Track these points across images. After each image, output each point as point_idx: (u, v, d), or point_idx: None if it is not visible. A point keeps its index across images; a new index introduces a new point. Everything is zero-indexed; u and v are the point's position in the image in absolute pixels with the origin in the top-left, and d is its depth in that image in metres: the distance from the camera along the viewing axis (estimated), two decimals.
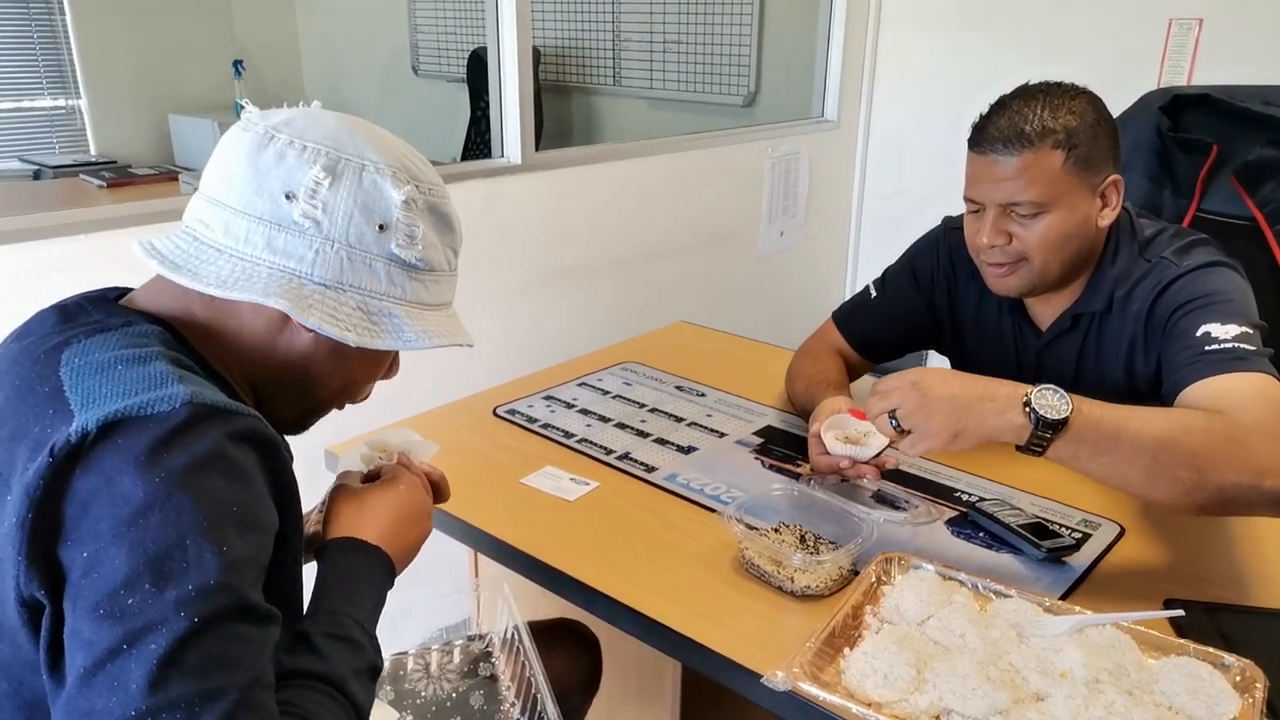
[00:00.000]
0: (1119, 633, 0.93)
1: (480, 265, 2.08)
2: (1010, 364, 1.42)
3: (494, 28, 1.98)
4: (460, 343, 0.83)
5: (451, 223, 0.82)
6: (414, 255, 0.77)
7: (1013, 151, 1.20)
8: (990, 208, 1.24)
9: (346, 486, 0.91)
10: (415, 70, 4.16)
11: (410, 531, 0.88)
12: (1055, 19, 2.59)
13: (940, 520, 1.19)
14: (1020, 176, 1.20)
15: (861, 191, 3.12)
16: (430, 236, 0.79)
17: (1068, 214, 1.22)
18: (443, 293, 0.83)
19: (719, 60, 3.16)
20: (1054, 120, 1.20)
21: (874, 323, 1.54)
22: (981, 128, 1.25)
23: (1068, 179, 1.21)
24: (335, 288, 0.75)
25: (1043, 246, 1.23)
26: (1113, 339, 1.30)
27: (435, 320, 0.81)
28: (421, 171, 0.79)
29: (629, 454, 1.35)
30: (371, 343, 0.76)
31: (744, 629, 0.99)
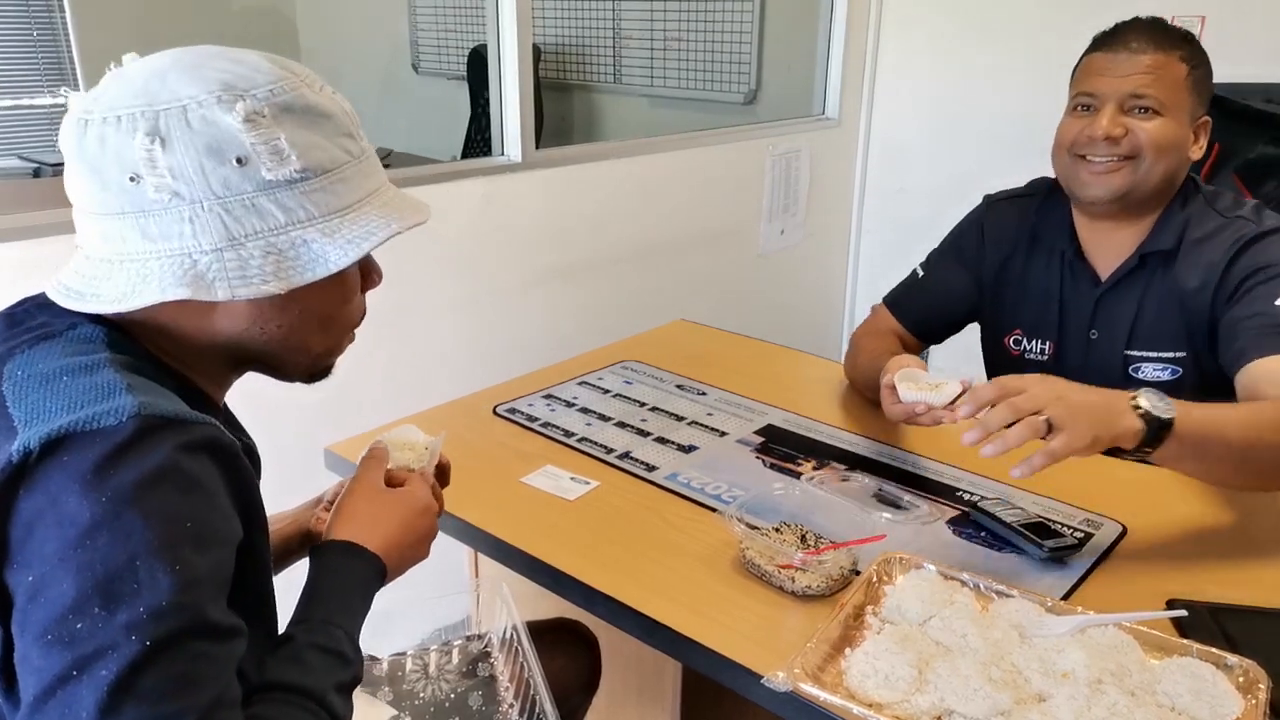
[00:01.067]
0: (1121, 633, 0.92)
1: (480, 263, 2.08)
2: (1059, 321, 1.44)
3: (494, 25, 1.97)
4: (400, 229, 0.74)
5: (322, 108, 0.72)
6: (291, 170, 0.69)
7: (1147, 49, 1.28)
8: (1110, 102, 1.30)
9: (365, 484, 0.88)
10: (415, 68, 4.16)
11: (411, 553, 0.86)
12: (1057, 16, 2.59)
13: (942, 520, 1.18)
14: (1150, 73, 1.27)
15: (863, 189, 3.12)
16: (303, 138, 0.69)
17: (1176, 125, 1.29)
18: (358, 186, 0.73)
19: (720, 58, 3.15)
20: (1181, 40, 1.30)
21: (925, 302, 1.59)
22: (1113, 32, 1.33)
23: (1184, 94, 1.29)
24: (231, 246, 0.68)
25: (1154, 146, 1.28)
26: (1180, 283, 1.33)
27: (361, 221, 0.72)
28: (254, 77, 0.69)
29: (629, 453, 1.35)
30: (298, 281, 0.69)
31: (744, 629, 0.98)
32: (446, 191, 1.98)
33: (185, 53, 0.70)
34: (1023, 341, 1.49)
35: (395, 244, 2.21)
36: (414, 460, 0.96)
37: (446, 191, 1.98)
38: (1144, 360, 1.36)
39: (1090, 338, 1.41)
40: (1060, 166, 1.38)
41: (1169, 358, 1.34)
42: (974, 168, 2.85)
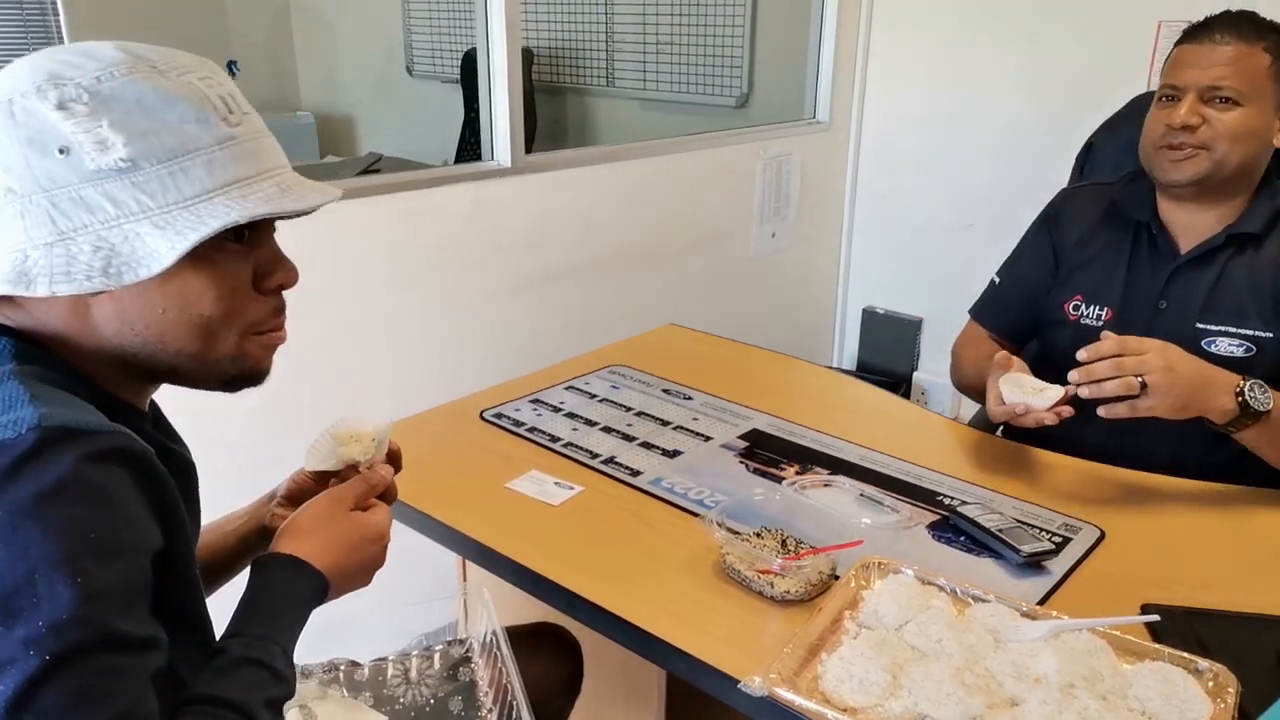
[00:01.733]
0: (1094, 638, 0.93)
1: (470, 267, 2.09)
2: (1122, 288, 1.46)
3: (483, 31, 1.98)
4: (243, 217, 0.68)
5: (166, 93, 0.67)
6: (116, 159, 0.65)
7: (1229, 40, 1.31)
8: (1190, 93, 1.33)
9: (329, 502, 0.85)
10: (410, 70, 4.17)
11: (355, 580, 0.84)
12: (1045, 22, 2.60)
13: (922, 524, 1.19)
14: (1231, 64, 1.31)
15: (854, 192, 3.13)
16: (135, 125, 0.65)
17: (1256, 114, 1.32)
18: (216, 175, 0.68)
19: (712, 62, 3.16)
20: (1266, 31, 1.33)
21: (1007, 307, 1.63)
22: (1202, 24, 1.36)
23: (1267, 83, 1.32)
24: (60, 241, 0.65)
25: (1229, 136, 1.32)
26: (1267, 265, 1.37)
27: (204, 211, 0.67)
28: (85, 65, 0.66)
29: (614, 458, 1.36)
30: (130, 278, 0.65)
31: (724, 634, 0.99)
32: (437, 196, 1.99)
33: (55, 48, 0.68)
34: (1081, 306, 1.50)
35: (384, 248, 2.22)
36: (360, 453, 0.93)
37: (437, 196, 1.99)
38: (1219, 334, 1.37)
39: (1159, 308, 1.42)
40: (1144, 153, 1.42)
41: (1246, 334, 1.36)
42: (964, 171, 2.86)
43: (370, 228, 1.89)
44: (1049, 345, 1.56)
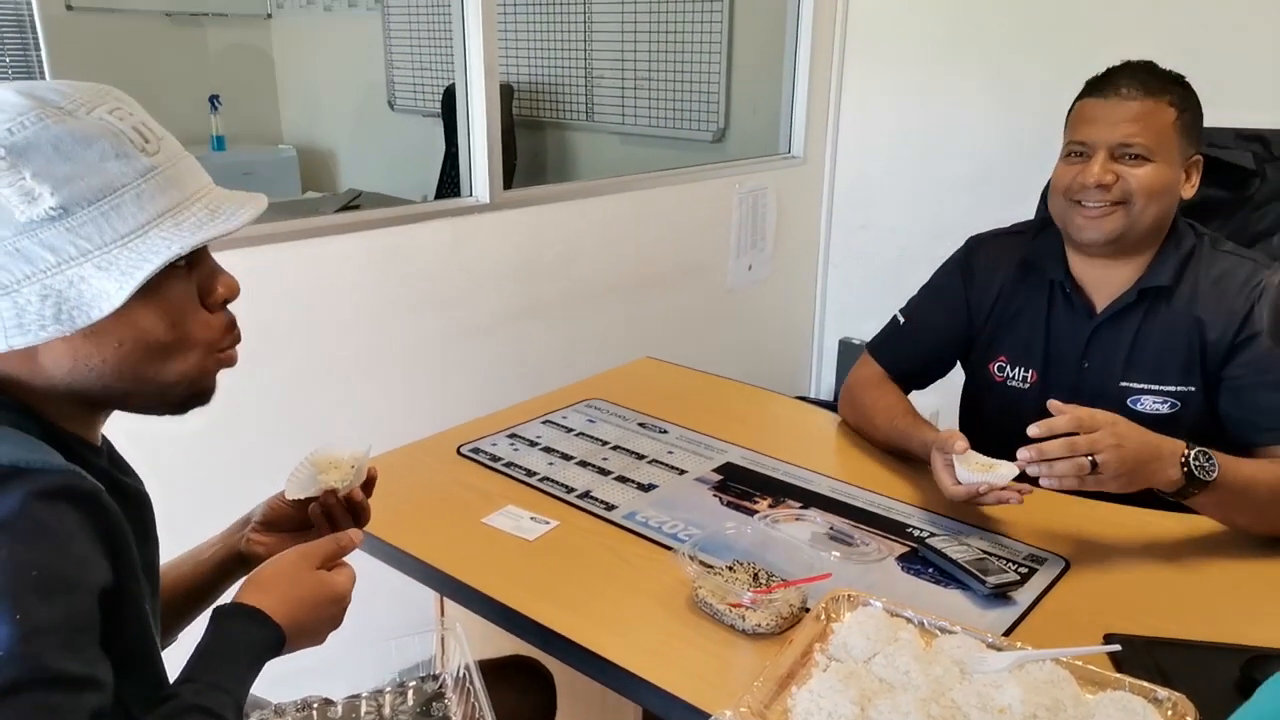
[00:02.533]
0: (1058, 668, 0.95)
1: (448, 303, 2.10)
2: (1043, 350, 1.47)
3: (462, 69, 2.01)
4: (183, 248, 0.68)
5: (82, 135, 0.67)
6: (48, 207, 0.65)
7: (1135, 96, 1.31)
8: (1100, 150, 1.33)
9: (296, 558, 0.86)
10: (391, 105, 4.20)
11: (310, 639, 0.85)
12: (1013, 55, 2.67)
13: (891, 556, 1.21)
14: (1139, 120, 1.31)
15: (829, 225, 3.18)
16: (58, 171, 0.65)
17: (1166, 169, 1.33)
18: (141, 209, 0.68)
19: (689, 97, 3.22)
20: (1170, 85, 1.34)
21: (908, 351, 1.61)
22: (1104, 77, 1.36)
23: (1174, 137, 1.33)
24: (5, 294, 0.65)
25: (1145, 191, 1.32)
26: (1180, 317, 1.37)
27: (144, 246, 0.67)
28: None
29: (589, 492, 1.37)
30: (83, 321, 0.66)
31: (696, 667, 1.01)
32: (415, 232, 2.01)
33: None
34: (1006, 368, 1.52)
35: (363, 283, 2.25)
36: (339, 480, 0.95)
37: (415, 232, 2.01)
38: (1143, 393, 1.39)
39: (1083, 368, 1.43)
40: (1056, 209, 1.41)
41: (1170, 391, 1.37)
42: (936, 204, 2.92)
43: (350, 263, 1.91)
44: (977, 407, 1.58)
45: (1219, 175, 1.74)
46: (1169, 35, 2.39)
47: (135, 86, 0.75)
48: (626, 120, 3.43)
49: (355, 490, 0.98)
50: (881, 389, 1.58)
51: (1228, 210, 1.71)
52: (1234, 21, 2.29)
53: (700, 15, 3.10)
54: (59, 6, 3.67)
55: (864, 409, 1.57)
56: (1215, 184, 1.74)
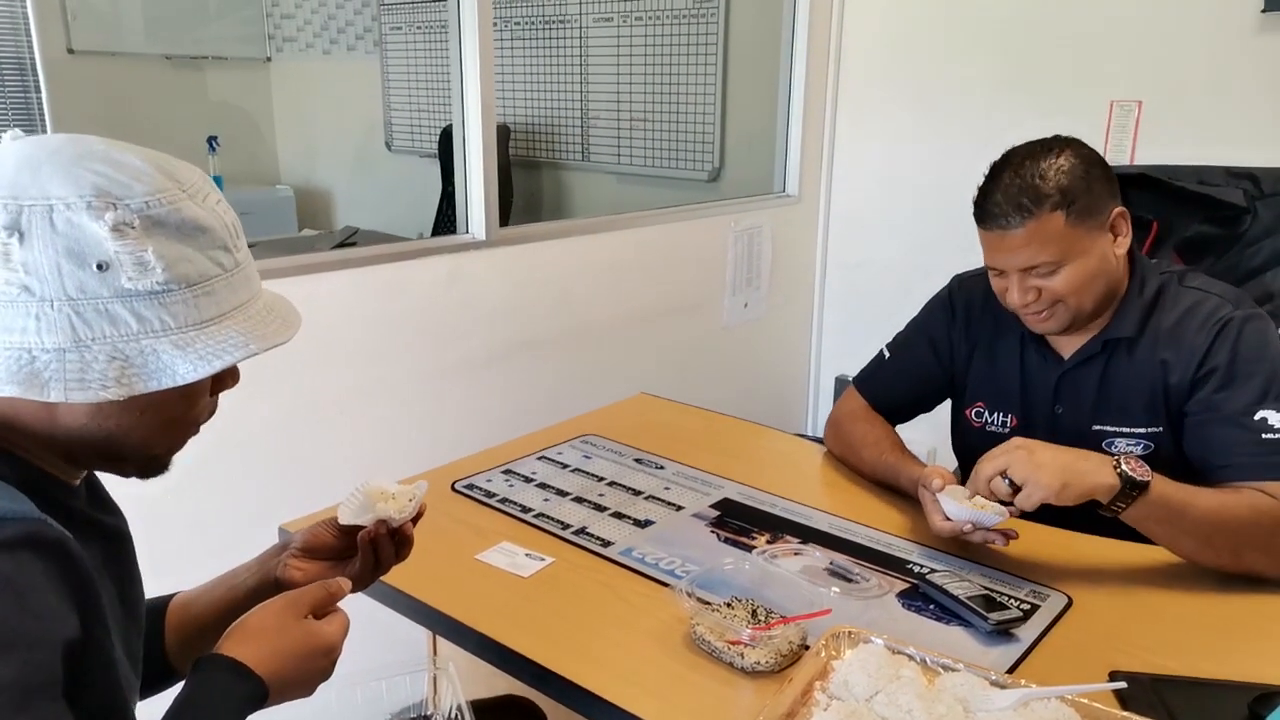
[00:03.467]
0: (1063, 706, 0.93)
1: (444, 339, 2.10)
2: (1021, 396, 1.48)
3: (459, 109, 2.03)
4: (257, 350, 0.73)
5: (200, 222, 0.70)
6: (154, 282, 0.67)
7: (1014, 224, 1.29)
8: (1012, 273, 1.33)
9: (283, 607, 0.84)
10: (389, 146, 4.24)
11: (297, 692, 0.83)
12: (1004, 99, 2.70)
13: (892, 593, 1.20)
14: (1029, 244, 1.29)
15: (824, 262, 3.19)
16: (172, 251, 0.68)
17: (1084, 260, 1.30)
18: (224, 300, 0.72)
19: (684, 137, 3.25)
20: (1046, 185, 1.28)
21: (893, 385, 1.62)
22: (981, 205, 1.34)
23: (1074, 232, 1.29)
24: (76, 348, 0.66)
25: (1070, 291, 1.32)
26: (1144, 360, 1.36)
27: (220, 336, 0.71)
28: (132, 186, 0.68)
29: (585, 528, 1.36)
30: (140, 389, 0.68)
31: (694, 706, 0.99)
32: (412, 268, 2.01)
33: (67, 144, 0.69)
34: (984, 414, 1.52)
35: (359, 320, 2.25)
36: (396, 510, 0.95)
37: (412, 268, 2.01)
38: (1116, 435, 1.39)
39: (1055, 413, 1.44)
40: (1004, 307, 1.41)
41: (1141, 433, 1.37)
42: (930, 241, 2.93)
43: (346, 300, 1.91)
44: (965, 449, 1.58)
45: (1211, 213, 1.76)
46: (1156, 76, 2.43)
47: (134, 128, 0.77)
48: (622, 160, 3.46)
49: (407, 523, 0.97)
50: (869, 422, 1.58)
51: (1220, 247, 1.73)
52: (1222, 62, 2.33)
53: (695, 57, 3.14)
54: (60, 50, 3.71)
55: (851, 442, 1.58)
56: (1208, 221, 1.76)
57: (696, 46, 3.13)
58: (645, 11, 3.25)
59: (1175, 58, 2.40)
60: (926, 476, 1.30)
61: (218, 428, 0.89)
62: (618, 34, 3.34)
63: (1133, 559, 1.29)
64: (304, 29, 4.36)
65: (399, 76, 4.09)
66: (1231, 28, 2.31)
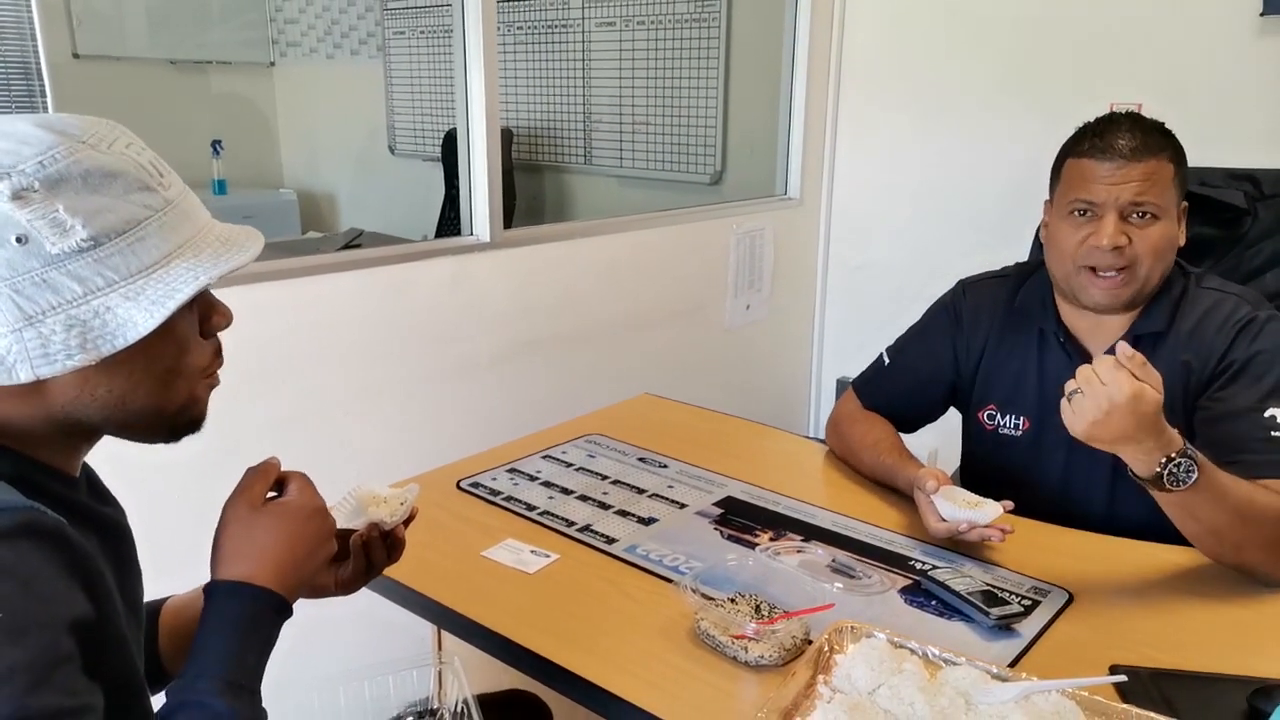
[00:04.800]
0: (1064, 699, 0.94)
1: (449, 339, 2.11)
2: (1037, 398, 1.45)
3: (463, 111, 2.05)
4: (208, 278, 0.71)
5: (107, 168, 0.68)
6: (78, 240, 0.66)
7: (1140, 155, 1.28)
8: (1110, 210, 1.30)
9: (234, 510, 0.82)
10: (392, 150, 4.26)
11: (310, 563, 0.82)
12: (1005, 102, 2.71)
13: (894, 589, 1.21)
14: (1147, 179, 1.28)
15: (826, 265, 3.20)
16: (87, 204, 0.66)
17: (1170, 225, 1.31)
18: (163, 240, 0.70)
19: (686, 140, 3.26)
20: (1165, 139, 1.32)
21: (892, 390, 1.61)
22: (1100, 135, 1.32)
23: (1174, 192, 1.31)
24: (30, 325, 0.65)
25: (1154, 252, 1.30)
26: (1168, 360, 1.35)
27: (169, 277, 0.69)
28: (20, 151, 0.66)
29: (590, 526, 1.37)
30: (107, 350, 0.67)
31: (698, 700, 1.00)
32: (417, 270, 2.02)
33: None
34: (996, 416, 1.51)
35: (364, 320, 2.26)
36: (388, 514, 0.96)
37: (417, 270, 2.02)
38: None
39: None
40: (1060, 271, 1.38)
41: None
42: (932, 244, 2.94)
43: (351, 301, 1.92)
44: (973, 454, 1.58)
45: (1211, 214, 1.77)
46: (1158, 77, 2.44)
47: (138, 131, 0.76)
48: (625, 163, 3.47)
49: (398, 526, 0.98)
50: (868, 422, 1.58)
51: (1220, 249, 1.74)
52: (1223, 64, 2.34)
53: (697, 60, 3.15)
54: (65, 54, 3.73)
55: (850, 444, 1.57)
56: (1208, 223, 1.77)
57: (698, 50, 3.14)
58: (647, 15, 3.26)
59: (1175, 60, 2.42)
60: (921, 478, 1.31)
61: (223, 428, 0.90)
62: (620, 38, 3.36)
63: (1133, 556, 1.30)
64: (308, 33, 4.38)
65: (402, 81, 4.11)
66: (1231, 30, 2.32)
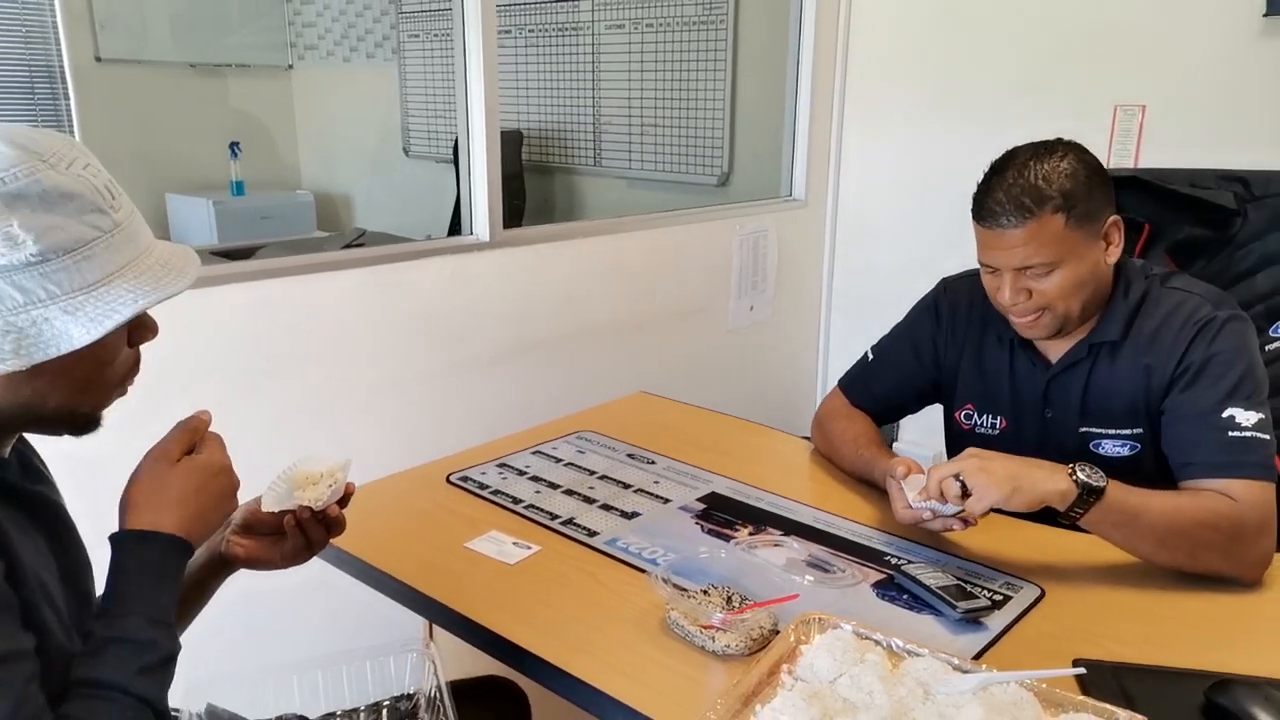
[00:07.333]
0: (1022, 690, 0.95)
1: (448, 338, 2.15)
2: (1010, 399, 1.49)
3: (463, 112, 2.08)
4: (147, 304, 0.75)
5: (64, 189, 0.72)
6: (28, 255, 0.70)
7: (1015, 223, 1.29)
8: (1006, 272, 1.33)
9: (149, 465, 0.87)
10: (406, 151, 4.31)
11: (215, 515, 0.88)
12: (1010, 104, 2.72)
13: (866, 583, 1.22)
14: (1028, 243, 1.29)
15: (831, 267, 3.21)
16: (40, 221, 0.70)
17: (1077, 264, 1.31)
18: (107, 260, 0.74)
19: (694, 142, 3.29)
20: (1049, 187, 1.28)
21: (877, 388, 1.64)
22: (981, 202, 1.34)
23: (1072, 236, 1.30)
24: None
25: (1061, 295, 1.32)
26: (1128, 364, 1.37)
27: (109, 296, 0.74)
28: None
29: (573, 519, 1.39)
30: (40, 357, 0.71)
31: (665, 687, 1.02)
32: (417, 268, 2.06)
33: None
34: (974, 416, 1.54)
35: (365, 317, 2.30)
36: (313, 498, 0.98)
37: (417, 268, 2.06)
38: (1103, 437, 1.40)
39: (1045, 417, 1.45)
40: (995, 307, 1.42)
41: (1127, 434, 1.38)
42: (937, 246, 2.94)
43: (351, 298, 1.96)
44: (956, 452, 1.57)
45: (1202, 215, 1.77)
46: (1153, 80, 2.44)
47: (158, 133, 0.80)
48: (633, 165, 3.50)
49: (332, 506, 1.01)
50: (850, 419, 1.61)
51: (1211, 250, 1.74)
52: (1225, 65, 2.33)
53: (704, 63, 3.18)
54: (88, 58, 3.81)
55: (831, 439, 1.61)
56: (1198, 224, 1.77)
57: (706, 53, 3.17)
58: (656, 19, 3.29)
59: (1178, 62, 2.41)
60: (892, 466, 1.34)
61: (225, 424, 0.94)
62: (629, 41, 3.39)
63: (1107, 554, 1.30)
64: (324, 37, 4.44)
65: (416, 83, 4.16)
66: (1234, 32, 2.31)
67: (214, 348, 1.76)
